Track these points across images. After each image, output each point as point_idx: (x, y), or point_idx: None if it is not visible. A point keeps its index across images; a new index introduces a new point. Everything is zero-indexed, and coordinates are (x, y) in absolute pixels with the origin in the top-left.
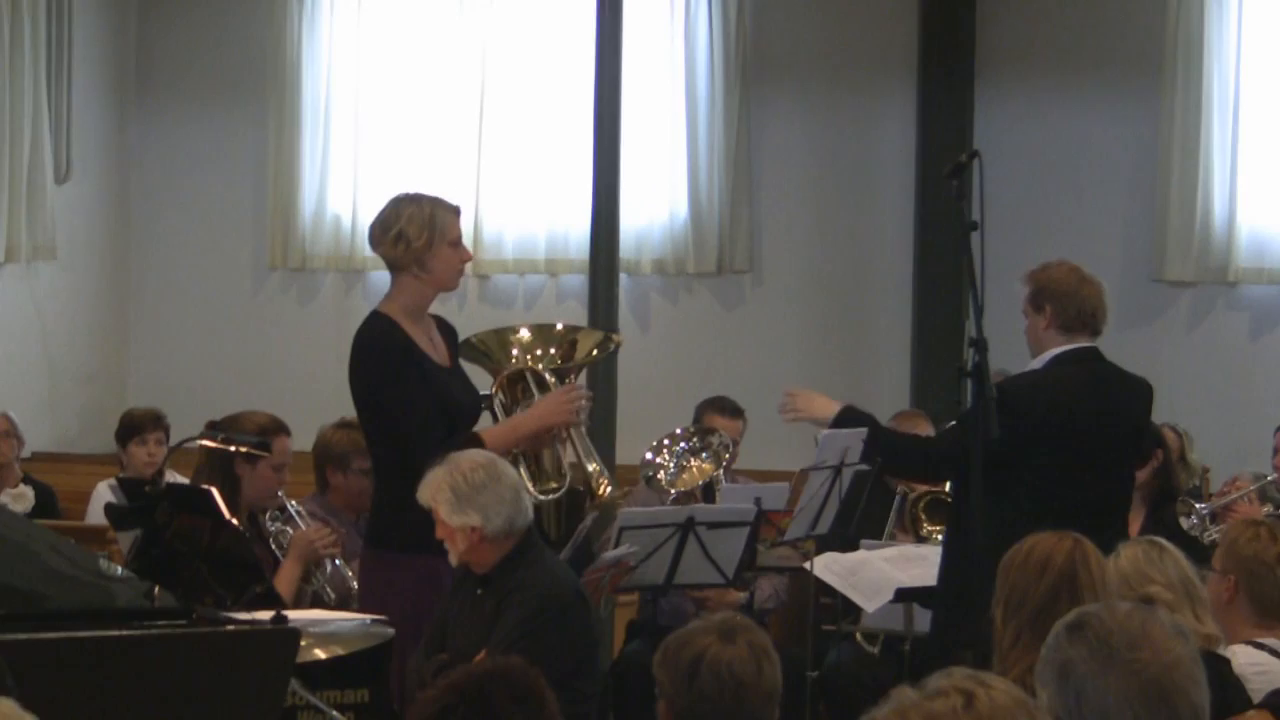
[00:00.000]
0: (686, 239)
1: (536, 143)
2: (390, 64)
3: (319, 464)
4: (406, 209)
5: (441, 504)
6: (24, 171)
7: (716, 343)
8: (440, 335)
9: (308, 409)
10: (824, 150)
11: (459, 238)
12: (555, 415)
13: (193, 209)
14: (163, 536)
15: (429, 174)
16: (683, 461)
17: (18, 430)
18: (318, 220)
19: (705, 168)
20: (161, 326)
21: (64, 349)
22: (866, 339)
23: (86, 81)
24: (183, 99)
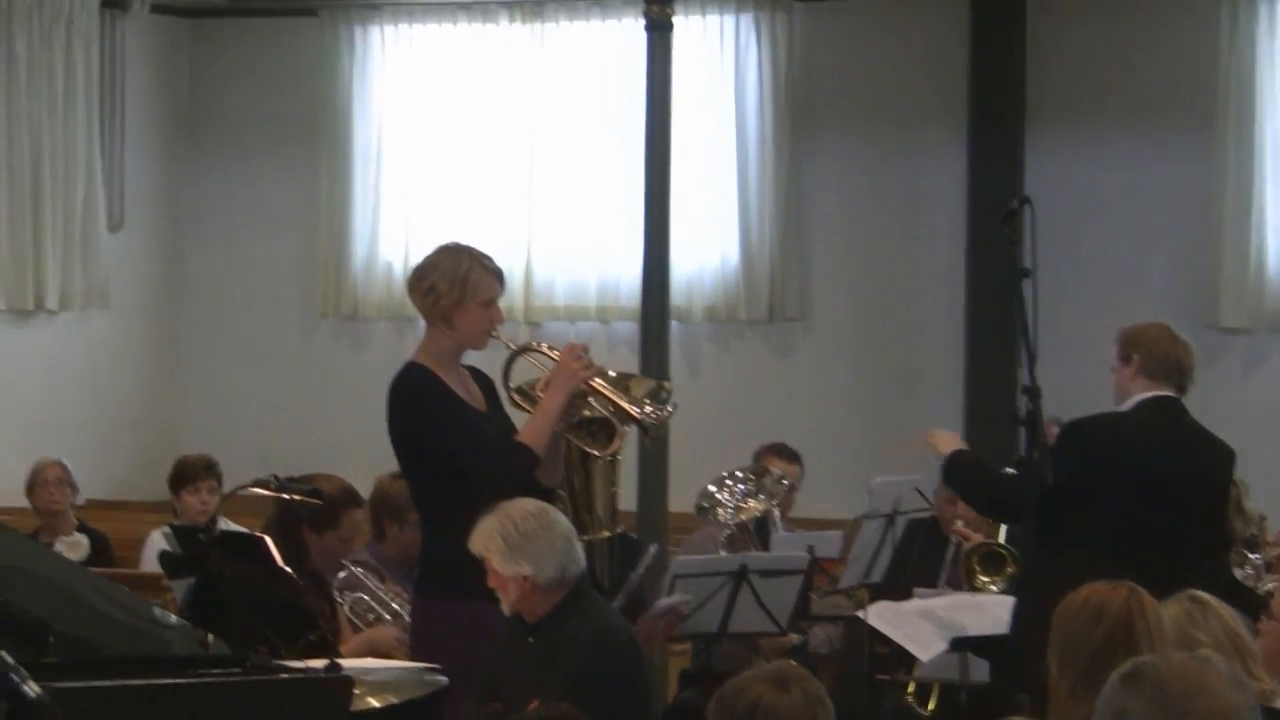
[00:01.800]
0: (738, 285)
1: (587, 189)
2: (441, 111)
3: (375, 514)
4: (444, 261)
5: (493, 553)
6: (77, 220)
7: (768, 390)
8: (475, 384)
9: (360, 457)
10: (874, 196)
11: (493, 299)
12: (570, 379)
13: (244, 257)
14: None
15: (481, 221)
16: (740, 503)
17: (71, 478)
18: (369, 268)
19: (756, 214)
20: (213, 374)
21: (116, 396)
22: (919, 386)
23: (139, 131)
24: (234, 148)
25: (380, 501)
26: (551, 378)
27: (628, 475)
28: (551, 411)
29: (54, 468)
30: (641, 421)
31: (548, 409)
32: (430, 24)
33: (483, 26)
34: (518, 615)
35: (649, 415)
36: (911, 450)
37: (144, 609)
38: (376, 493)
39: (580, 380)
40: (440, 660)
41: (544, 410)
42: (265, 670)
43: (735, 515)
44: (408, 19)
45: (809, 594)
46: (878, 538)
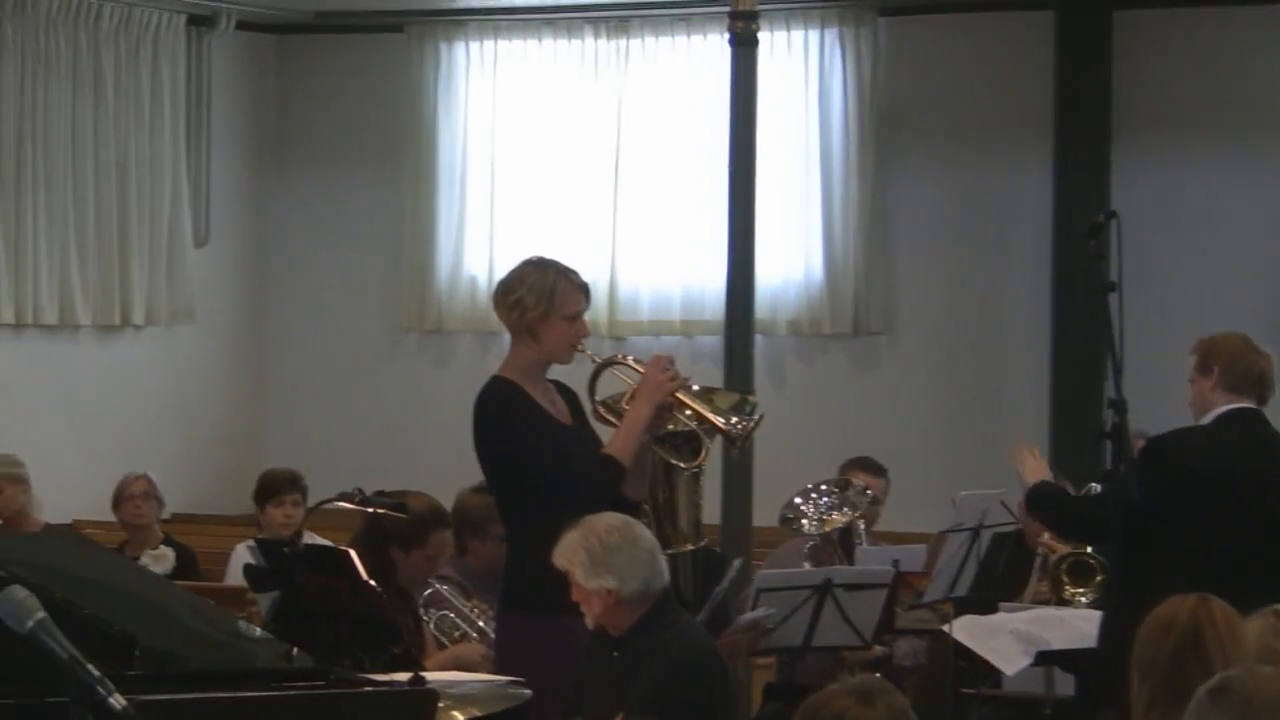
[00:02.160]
0: (822, 299)
1: (672, 203)
2: (525, 125)
3: (457, 530)
4: (530, 276)
5: (577, 567)
6: (164, 236)
7: (852, 404)
8: (560, 398)
9: (444, 472)
10: (959, 210)
11: (578, 313)
12: (657, 391)
13: (329, 272)
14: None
15: (564, 235)
16: (824, 515)
17: (158, 491)
18: (453, 282)
19: (840, 227)
20: (298, 388)
21: (202, 411)
22: (1004, 401)
23: (225, 146)
24: (319, 164)
25: (461, 516)
26: (638, 390)
27: (712, 489)
28: (638, 423)
29: (140, 482)
30: (728, 432)
31: (634, 421)
32: (515, 40)
33: (568, 42)
34: (601, 629)
35: (735, 426)
36: (998, 464)
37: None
38: (457, 508)
39: (666, 392)
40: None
41: (630, 422)
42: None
43: (820, 527)
44: (493, 35)
45: (893, 608)
46: (963, 551)
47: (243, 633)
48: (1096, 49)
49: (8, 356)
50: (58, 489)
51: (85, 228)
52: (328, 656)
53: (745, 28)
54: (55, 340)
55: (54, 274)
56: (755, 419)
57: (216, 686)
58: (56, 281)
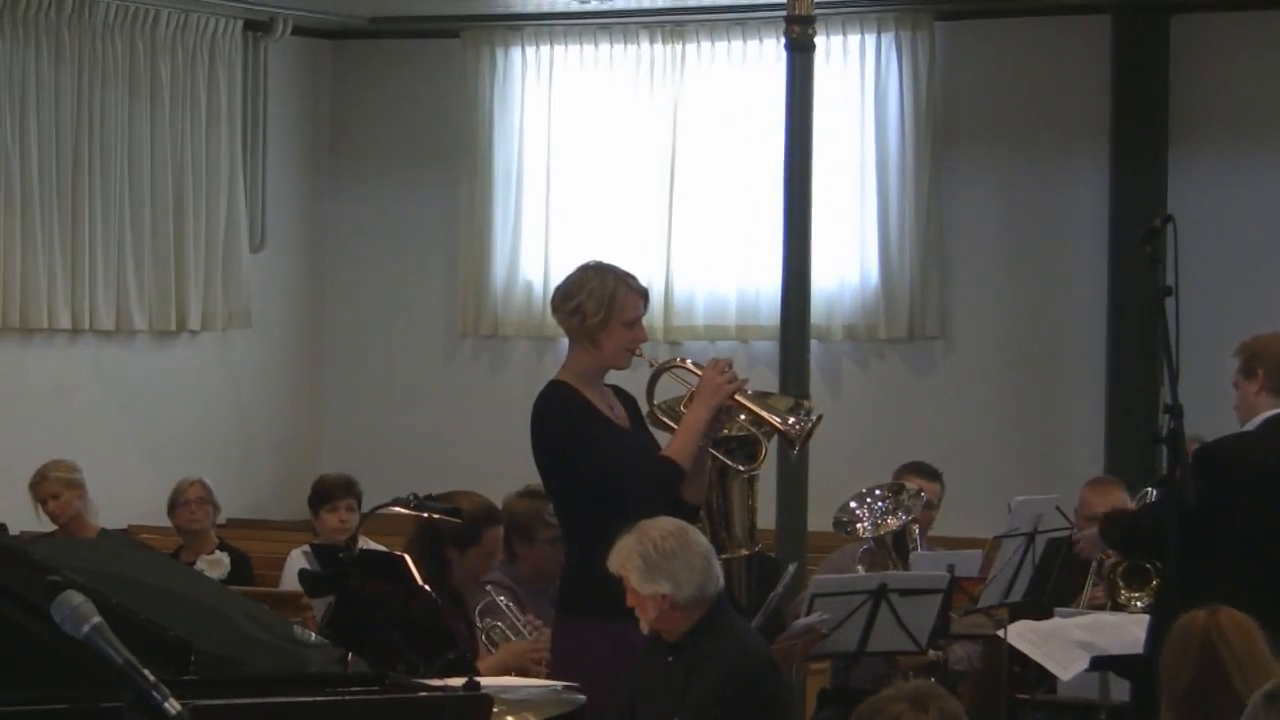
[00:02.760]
0: (878, 304)
1: (727, 207)
2: (581, 130)
3: (505, 535)
4: (590, 281)
5: (632, 572)
6: (220, 240)
7: (908, 409)
8: (619, 402)
9: (500, 476)
10: (1016, 214)
11: (637, 319)
12: (716, 393)
13: (384, 277)
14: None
15: (620, 240)
16: (879, 519)
17: (213, 496)
18: (509, 287)
19: (896, 231)
20: (353, 394)
21: (258, 416)
22: (1060, 405)
23: (281, 152)
24: (375, 168)
25: (508, 521)
26: (696, 392)
27: (767, 494)
28: (697, 426)
29: (195, 487)
30: (786, 433)
31: (693, 423)
32: (571, 45)
33: (623, 47)
34: (656, 634)
35: (793, 427)
36: (1054, 468)
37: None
38: (504, 513)
39: (725, 394)
40: (579, 679)
41: (689, 425)
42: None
43: (874, 532)
44: (549, 40)
45: (948, 613)
46: (1018, 556)
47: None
48: (1154, 53)
49: (65, 362)
50: (114, 494)
51: (141, 233)
52: (382, 661)
53: (801, 32)
54: (111, 345)
55: (110, 279)
56: (813, 419)
57: (271, 691)
58: (113, 287)
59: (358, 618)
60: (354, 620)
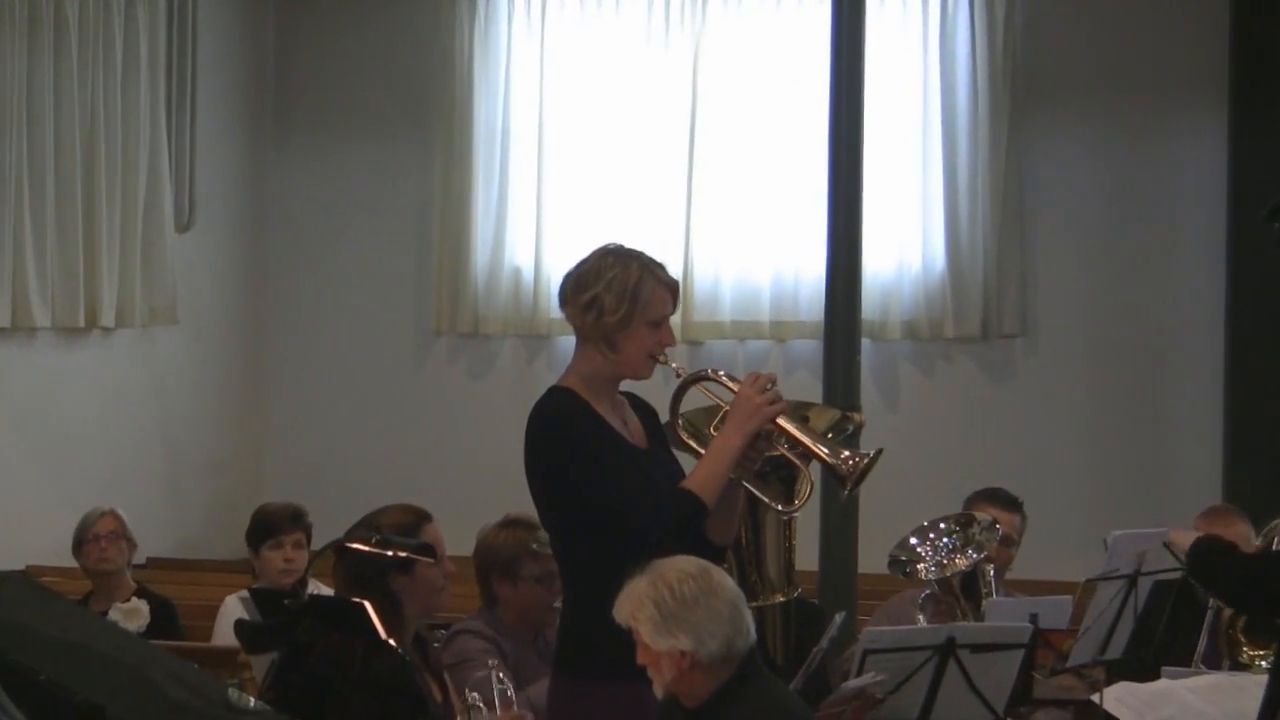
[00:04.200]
0: (943, 296)
1: (759, 181)
2: (580, 87)
3: (483, 575)
4: (609, 269)
5: (644, 623)
6: (138, 219)
7: (981, 423)
8: (635, 415)
9: (482, 503)
10: (1113, 189)
11: (664, 318)
12: (752, 416)
13: (342, 263)
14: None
15: (628, 219)
16: (945, 558)
17: (129, 531)
18: (493, 276)
19: (967, 210)
20: (303, 405)
21: (187, 432)
22: (1168, 418)
23: (214, 111)
24: (330, 131)
25: (486, 558)
26: (730, 412)
27: (808, 527)
28: (727, 454)
29: (107, 519)
30: (837, 469)
31: (722, 451)
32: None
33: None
34: (673, 699)
35: (845, 462)
36: (1160, 495)
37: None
38: (481, 549)
39: (764, 418)
40: None
41: (718, 452)
42: None
43: (939, 573)
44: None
45: (1031, 673)
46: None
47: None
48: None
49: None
50: (9, 527)
51: (42, 209)
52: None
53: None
54: (7, 346)
55: (4, 266)
56: (871, 455)
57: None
58: (7, 275)
59: (309, 678)
60: (304, 681)
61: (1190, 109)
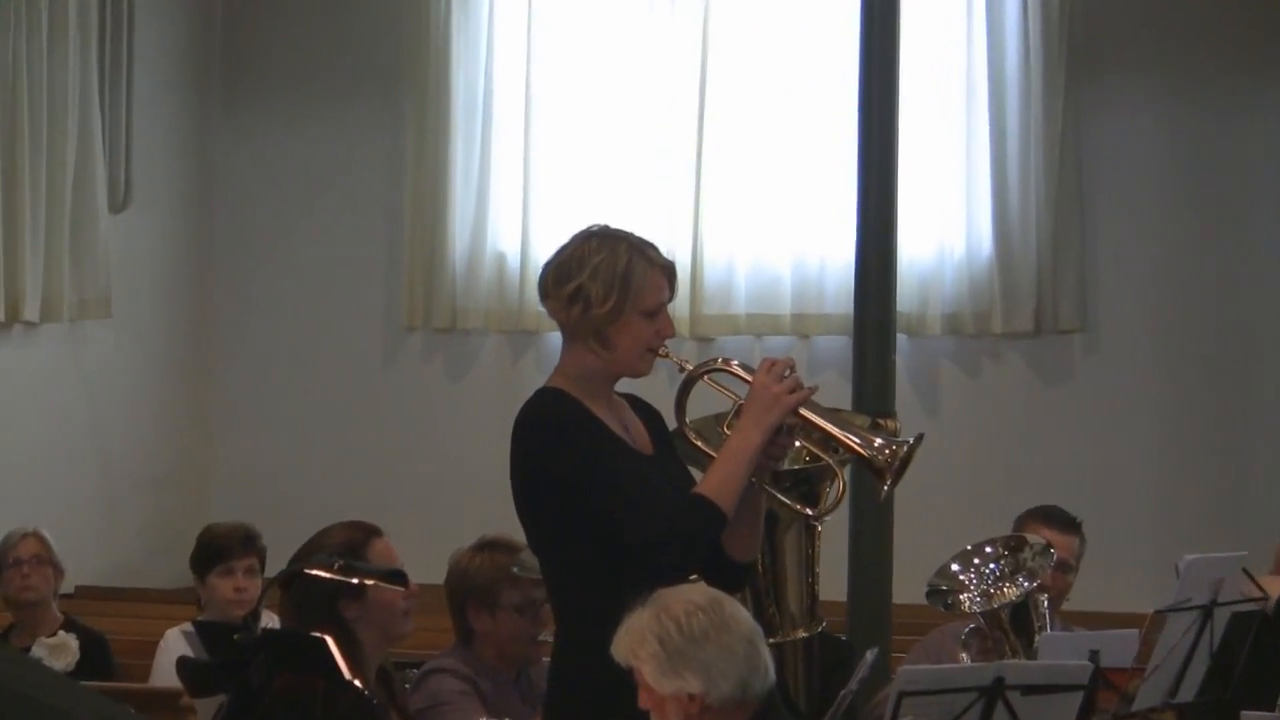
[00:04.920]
0: (990, 285)
1: (779, 155)
2: (575, 48)
3: (457, 606)
4: (595, 255)
5: (646, 662)
6: (66, 198)
7: (1034, 431)
8: (637, 419)
9: (461, 522)
10: (1185, 163)
11: (661, 305)
12: (773, 408)
13: (300, 248)
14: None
15: (628, 200)
16: (993, 587)
17: (55, 555)
18: (474, 263)
19: (1017, 188)
20: (256, 410)
21: (121, 442)
22: (1249, 425)
23: (154, 75)
24: (286, 98)
25: (459, 586)
26: (746, 405)
27: (834, 550)
28: (745, 452)
29: (30, 542)
30: (873, 460)
31: (740, 449)
32: None
33: None
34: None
35: (881, 451)
36: (1240, 514)
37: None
38: (454, 576)
39: (786, 408)
40: None
41: (735, 450)
42: None
43: (986, 604)
44: None
45: (1091, 717)
46: (1190, 638)
47: None
48: None
49: None
50: None
51: None
52: None
53: None
54: None
55: None
56: (911, 441)
57: None
58: None
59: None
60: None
61: (1271, 72)
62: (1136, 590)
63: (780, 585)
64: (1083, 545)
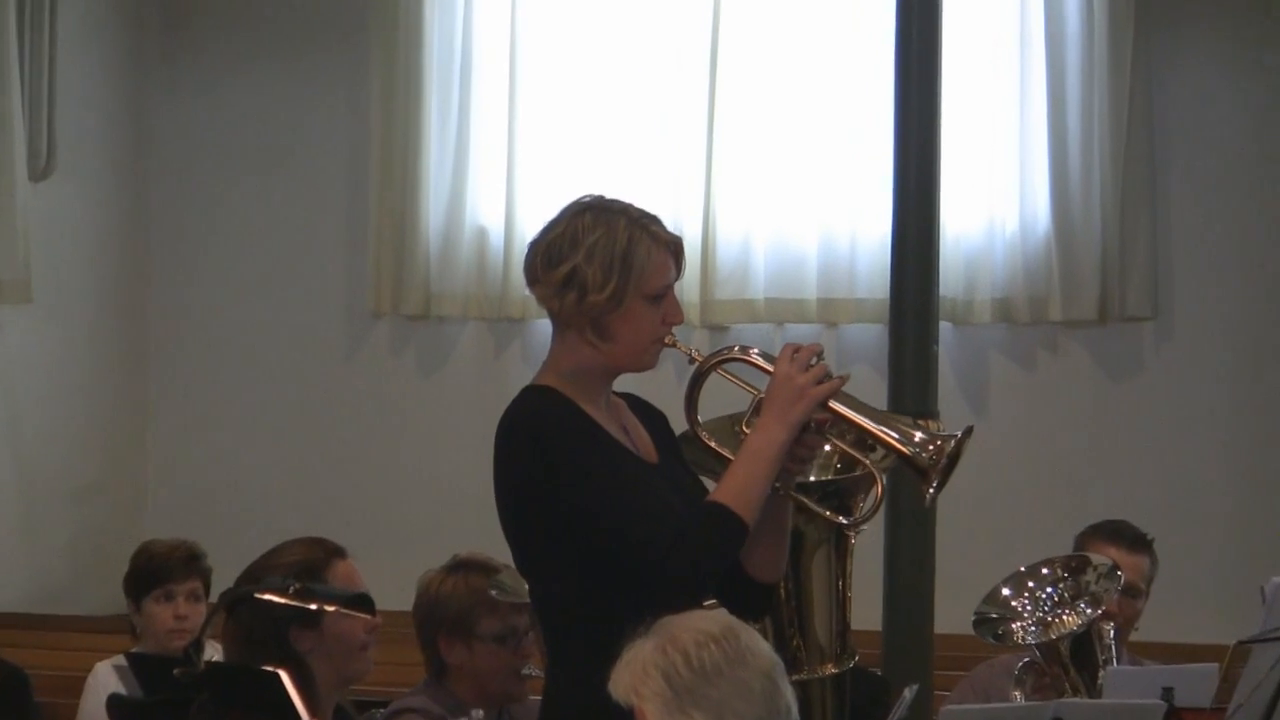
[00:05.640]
0: (1048, 267)
1: (802, 118)
2: None
3: (428, 634)
4: (590, 233)
5: (650, 701)
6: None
7: (1097, 433)
8: (638, 421)
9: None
10: (1271, 127)
11: (667, 288)
12: (798, 401)
13: (248, 223)
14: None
15: (629, 169)
16: (1049, 615)
17: None
18: (450, 240)
19: (1079, 158)
20: (198, 410)
21: (44, 447)
22: None
23: (81, 26)
24: (232, 52)
25: (430, 613)
26: (767, 399)
27: (867, 575)
28: (768, 452)
29: None
30: (914, 459)
31: (762, 449)
32: None
33: None
34: None
35: (926, 449)
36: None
37: None
38: (424, 602)
39: (812, 401)
40: None
41: (755, 453)
42: None
43: (1042, 634)
44: None
45: None
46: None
47: None
48: None
49: None
50: None
51: None
52: None
53: None
54: None
55: None
56: (959, 435)
57: None
58: None
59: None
60: None
61: None
62: (1216, 618)
63: (806, 613)
64: (1154, 566)
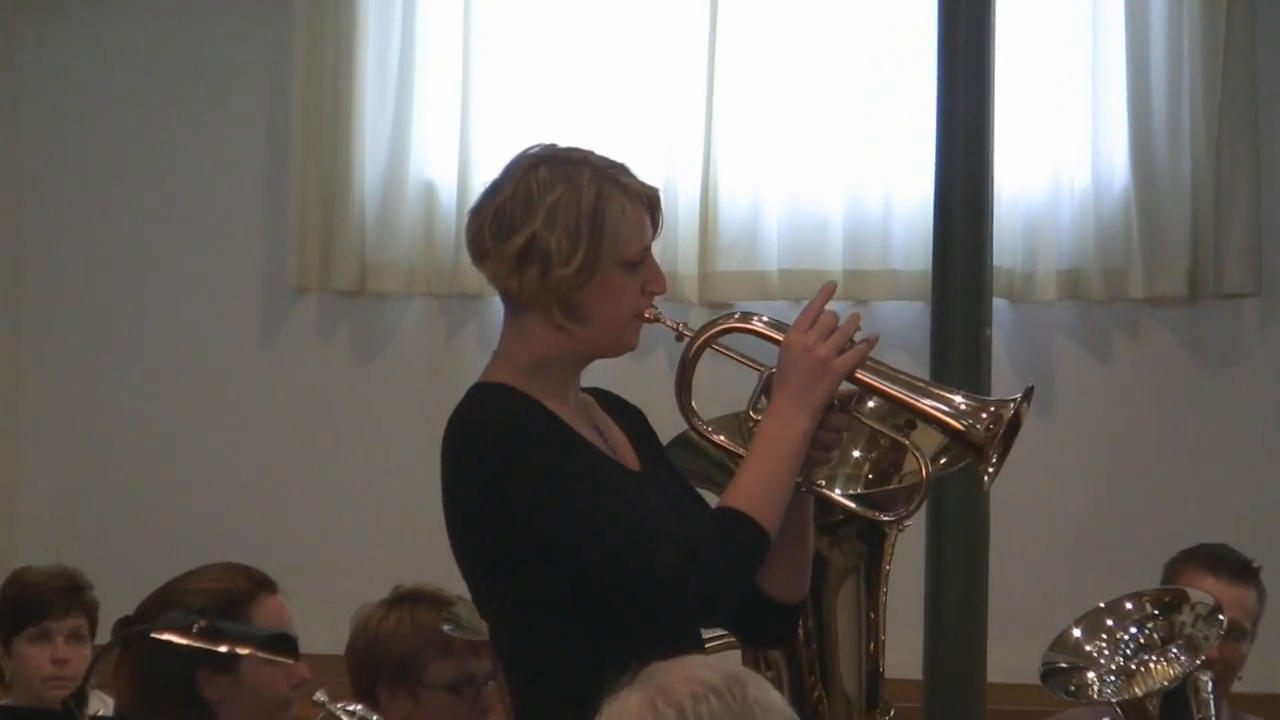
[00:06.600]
0: (1127, 234)
1: (823, 58)
2: None
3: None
4: (549, 192)
5: None
6: None
7: (1190, 431)
8: (610, 420)
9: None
10: None
11: (646, 251)
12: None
13: (143, 184)
14: None
15: (607, 117)
16: (1131, 663)
17: None
18: (390, 200)
19: (1163, 110)
20: (81, 409)
21: None
22: None
23: None
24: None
25: (369, 658)
26: (778, 378)
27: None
28: (788, 444)
29: None
30: (967, 435)
31: (779, 439)
32: None
33: None
34: None
35: (980, 421)
36: None
37: None
38: (360, 643)
39: (836, 375)
40: None
41: (771, 444)
42: None
43: (1122, 688)
44: None
45: None
46: None
47: None
48: None
49: None
50: None
51: None
52: None
53: None
54: None
55: None
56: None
57: None
58: None
59: None
60: None
61: None
62: None
63: (830, 658)
64: (1261, 601)
